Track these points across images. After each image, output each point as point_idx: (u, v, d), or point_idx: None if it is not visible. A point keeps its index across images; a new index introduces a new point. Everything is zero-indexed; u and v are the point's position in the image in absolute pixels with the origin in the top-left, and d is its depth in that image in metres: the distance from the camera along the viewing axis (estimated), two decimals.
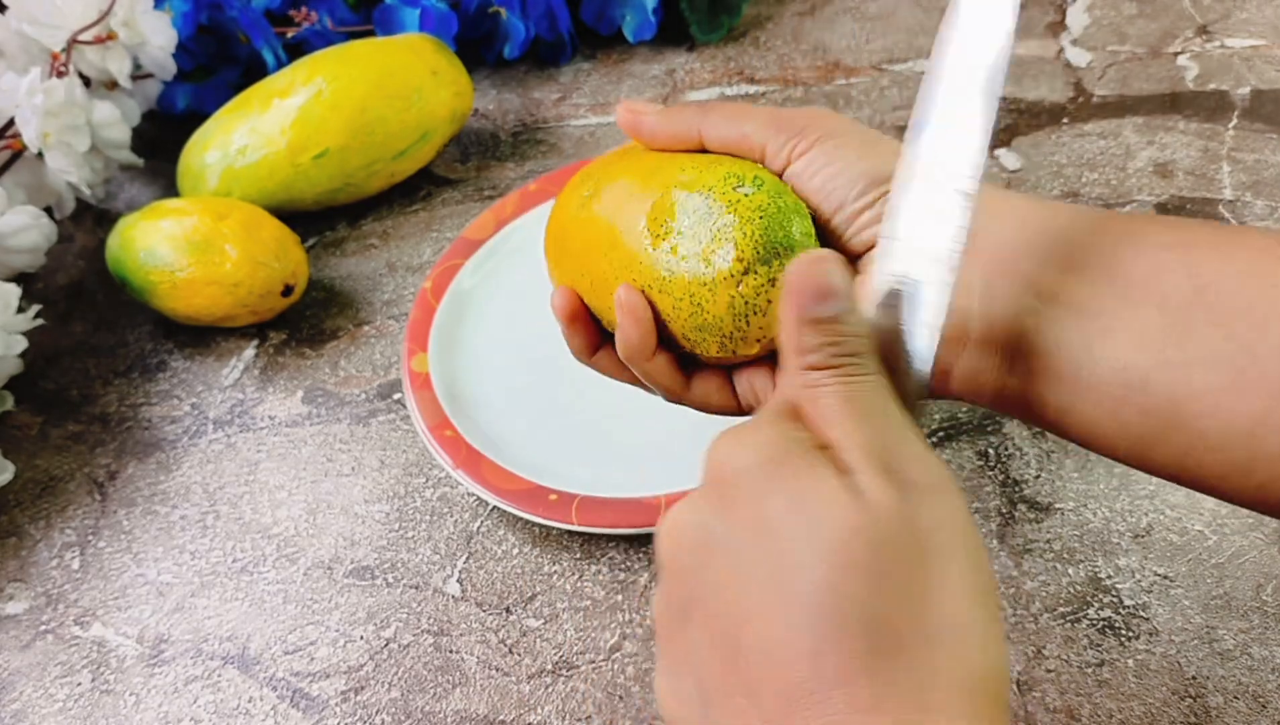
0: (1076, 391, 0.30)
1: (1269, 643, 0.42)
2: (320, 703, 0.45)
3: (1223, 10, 0.68)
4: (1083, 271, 0.30)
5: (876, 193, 0.33)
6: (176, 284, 0.56)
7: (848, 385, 0.27)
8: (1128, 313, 0.29)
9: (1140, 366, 0.29)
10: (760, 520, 0.25)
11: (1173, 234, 0.29)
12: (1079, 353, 0.29)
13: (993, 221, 0.31)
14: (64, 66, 0.59)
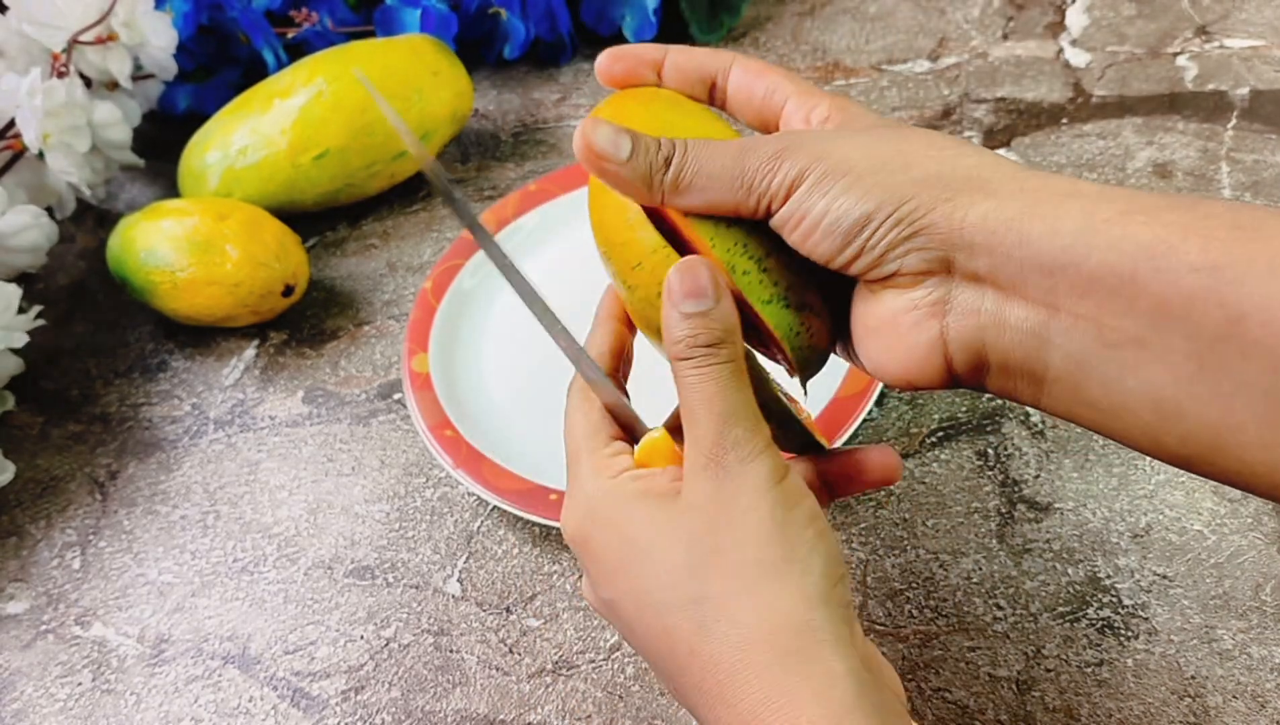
0: (1112, 415, 0.29)
1: (1267, 642, 0.42)
2: (320, 702, 0.45)
3: (1222, 11, 0.68)
4: (1103, 297, 0.28)
5: (857, 246, 0.31)
6: (177, 284, 0.56)
7: (698, 373, 0.31)
8: (1157, 342, 0.27)
9: (1174, 397, 0.27)
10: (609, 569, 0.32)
11: (1199, 251, 0.27)
12: (1110, 382, 0.29)
13: (988, 239, 0.29)
14: (65, 67, 0.59)
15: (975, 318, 0.30)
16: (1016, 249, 0.29)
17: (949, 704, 0.42)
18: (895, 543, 0.47)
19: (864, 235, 0.31)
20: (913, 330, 0.31)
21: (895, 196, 0.31)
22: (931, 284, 0.31)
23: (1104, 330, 0.28)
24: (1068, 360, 0.29)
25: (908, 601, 0.45)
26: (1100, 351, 0.28)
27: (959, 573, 0.45)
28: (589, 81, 0.72)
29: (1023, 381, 0.31)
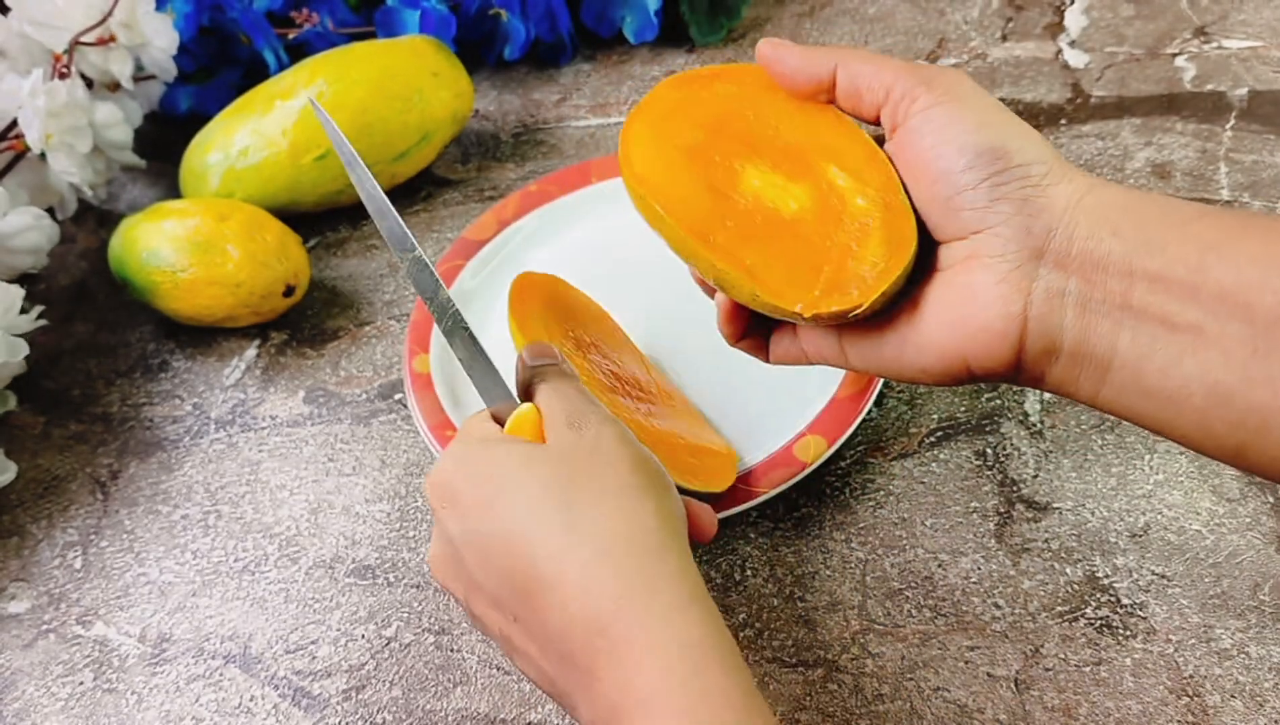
0: (1166, 403, 0.31)
1: (1266, 641, 0.42)
2: (322, 701, 0.45)
3: (1220, 11, 0.68)
4: (1170, 284, 0.30)
5: (982, 173, 0.33)
6: (178, 284, 0.56)
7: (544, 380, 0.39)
8: (1215, 328, 0.29)
9: (1227, 381, 0.29)
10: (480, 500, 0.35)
11: (1260, 244, 0.29)
12: (1169, 367, 0.30)
13: (1089, 223, 0.32)
14: (66, 68, 0.59)
15: (1060, 300, 0.32)
16: (1110, 238, 0.31)
17: (948, 703, 0.42)
18: (894, 542, 0.47)
19: (994, 166, 0.33)
20: (996, 303, 0.32)
21: (1033, 151, 0.33)
22: (1018, 258, 0.32)
23: (1170, 318, 0.30)
24: (1134, 346, 0.31)
25: (906, 601, 0.45)
26: (1164, 336, 0.30)
27: (958, 572, 0.45)
28: (589, 82, 0.72)
29: (1089, 369, 0.32)
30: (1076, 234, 0.32)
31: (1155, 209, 0.32)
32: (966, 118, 0.33)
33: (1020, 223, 0.32)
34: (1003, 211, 0.32)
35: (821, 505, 0.48)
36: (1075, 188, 0.32)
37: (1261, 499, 0.46)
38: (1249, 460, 0.30)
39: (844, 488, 0.49)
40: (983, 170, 0.33)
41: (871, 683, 0.43)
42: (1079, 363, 0.32)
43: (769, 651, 0.44)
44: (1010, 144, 0.33)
